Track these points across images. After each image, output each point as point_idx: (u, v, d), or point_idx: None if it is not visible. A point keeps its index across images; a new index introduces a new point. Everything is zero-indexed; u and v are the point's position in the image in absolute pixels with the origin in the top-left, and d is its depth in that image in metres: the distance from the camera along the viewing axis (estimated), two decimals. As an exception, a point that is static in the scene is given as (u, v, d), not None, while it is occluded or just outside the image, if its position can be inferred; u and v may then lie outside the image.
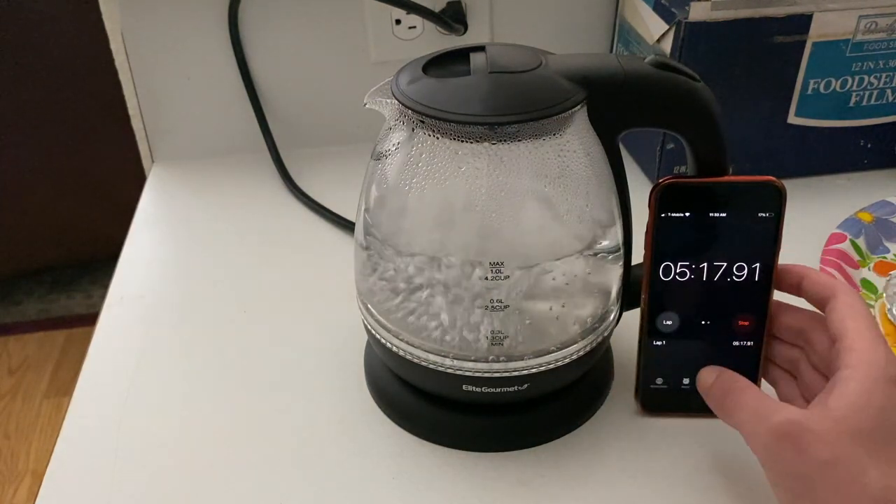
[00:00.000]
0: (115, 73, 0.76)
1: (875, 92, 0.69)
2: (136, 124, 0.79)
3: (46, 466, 0.47)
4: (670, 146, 0.70)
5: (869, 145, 0.72)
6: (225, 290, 0.63)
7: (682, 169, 0.71)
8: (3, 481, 1.48)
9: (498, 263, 0.43)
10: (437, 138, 0.42)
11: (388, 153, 0.45)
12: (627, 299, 0.49)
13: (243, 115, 0.78)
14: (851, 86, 0.69)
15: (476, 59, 0.43)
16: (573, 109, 0.42)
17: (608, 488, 0.45)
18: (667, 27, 0.66)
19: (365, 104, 0.45)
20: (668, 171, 0.71)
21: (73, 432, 0.50)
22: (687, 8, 0.63)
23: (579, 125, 0.43)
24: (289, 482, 0.46)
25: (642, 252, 0.46)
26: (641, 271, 0.46)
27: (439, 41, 0.77)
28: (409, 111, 0.42)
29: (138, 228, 0.71)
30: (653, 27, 0.68)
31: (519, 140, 0.42)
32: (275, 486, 0.46)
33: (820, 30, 0.65)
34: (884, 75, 0.68)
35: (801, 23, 0.65)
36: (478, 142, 0.41)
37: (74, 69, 1.61)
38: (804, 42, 0.66)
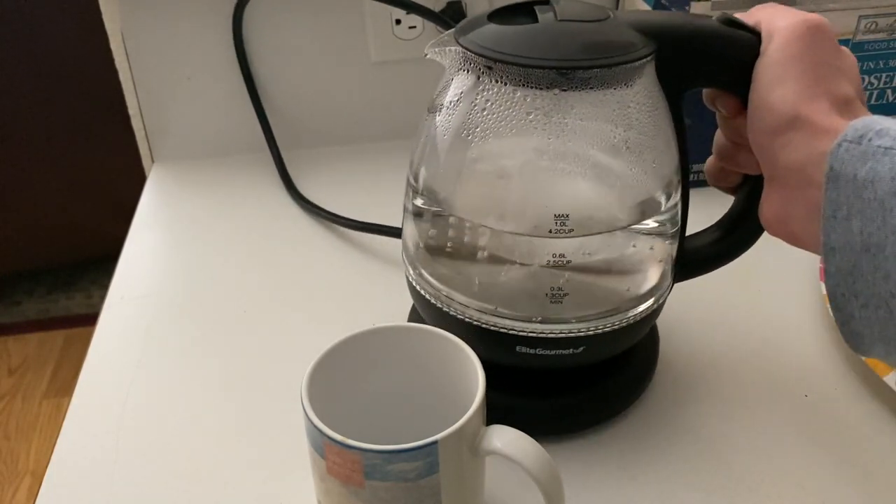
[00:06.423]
0: (115, 73, 0.76)
1: (875, 92, 0.69)
2: (136, 124, 0.79)
3: (46, 466, 0.47)
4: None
5: (869, 145, 0.72)
6: (225, 289, 0.63)
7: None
8: (3, 481, 1.48)
9: (563, 216, 0.42)
10: (505, 84, 0.41)
11: (449, 104, 0.44)
12: (679, 270, 0.48)
13: (243, 115, 0.78)
14: (852, 86, 0.68)
15: (543, 11, 0.42)
16: (644, 60, 0.41)
17: (608, 488, 0.45)
18: (667, 27, 0.65)
19: (426, 54, 0.44)
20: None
21: (73, 432, 0.50)
22: (687, 8, 0.63)
23: (648, 79, 0.42)
24: (290, 482, 0.46)
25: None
26: (695, 242, 0.45)
27: (439, 41, 0.77)
28: (477, 56, 0.41)
29: (138, 228, 0.71)
30: (653, 27, 0.68)
31: (590, 88, 0.40)
32: (276, 486, 0.46)
33: (820, 30, 0.65)
34: (884, 75, 0.68)
35: (802, 23, 0.65)
36: (547, 88, 0.40)
37: (75, 69, 1.61)
38: (804, 42, 0.66)
